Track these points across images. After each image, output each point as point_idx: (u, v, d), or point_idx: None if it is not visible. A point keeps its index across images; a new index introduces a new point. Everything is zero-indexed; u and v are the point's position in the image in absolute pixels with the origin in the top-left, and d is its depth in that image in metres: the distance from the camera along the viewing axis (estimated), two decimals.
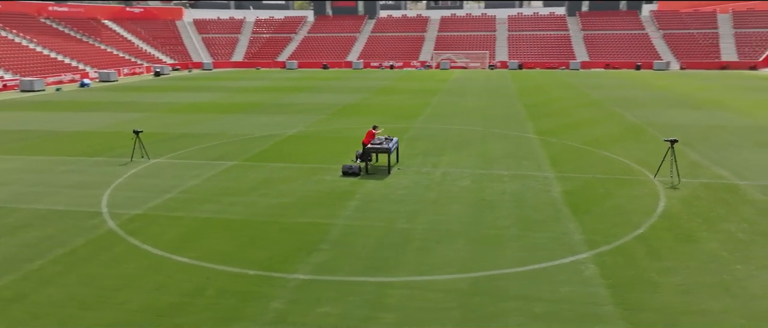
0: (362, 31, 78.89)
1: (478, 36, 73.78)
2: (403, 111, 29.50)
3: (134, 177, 16.23)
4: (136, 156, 18.75)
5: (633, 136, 21.62)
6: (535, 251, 10.44)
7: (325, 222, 12.15)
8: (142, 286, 9.17)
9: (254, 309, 8.34)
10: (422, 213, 12.68)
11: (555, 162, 17.45)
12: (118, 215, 12.78)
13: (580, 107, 30.33)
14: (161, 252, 10.58)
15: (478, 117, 27.07)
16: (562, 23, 74.77)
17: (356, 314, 8.15)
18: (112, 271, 9.77)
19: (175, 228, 11.89)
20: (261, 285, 9.16)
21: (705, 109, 29.07)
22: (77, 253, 10.59)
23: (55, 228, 11.98)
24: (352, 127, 24.38)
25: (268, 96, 37.47)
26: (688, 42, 66.92)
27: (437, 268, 9.72)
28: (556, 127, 23.78)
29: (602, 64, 63.30)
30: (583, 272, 9.52)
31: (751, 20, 68.80)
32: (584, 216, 12.34)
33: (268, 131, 23.56)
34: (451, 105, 31.73)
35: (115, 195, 14.40)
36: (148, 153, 19.05)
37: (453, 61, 66.56)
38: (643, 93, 37.32)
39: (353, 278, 9.35)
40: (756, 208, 12.87)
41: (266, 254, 10.46)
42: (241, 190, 14.76)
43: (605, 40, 69.49)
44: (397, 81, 49.23)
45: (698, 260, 9.98)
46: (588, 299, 8.55)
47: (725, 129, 23.20)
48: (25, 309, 8.46)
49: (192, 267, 9.90)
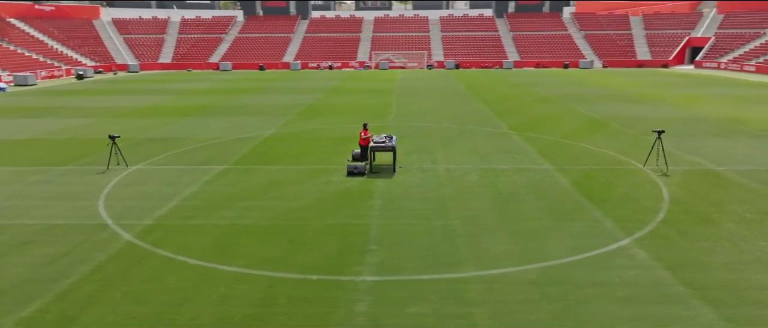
0: (296, 31, 77.66)
1: (412, 37, 74.90)
2: (369, 111, 29.38)
3: (122, 186, 15.02)
4: (112, 163, 17.36)
5: (600, 130, 22.88)
6: (579, 239, 10.80)
7: (359, 223, 11.88)
8: (203, 299, 8.53)
9: (341, 314, 8.01)
10: (450, 209, 12.72)
11: (545, 155, 18.11)
12: (130, 227, 11.78)
13: (535, 104, 31.65)
14: (202, 262, 9.89)
15: (447, 115, 27.51)
16: (492, 24, 77.63)
17: (448, 312, 8.06)
18: (159, 286, 9.00)
19: (202, 237, 11.15)
20: (331, 289, 8.81)
21: (647, 104, 31.31)
22: (106, 268, 9.66)
23: (64, 244, 10.85)
24: (327, 128, 23.96)
25: (218, 98, 35.96)
26: (607, 42, 71.74)
27: (498, 261, 9.80)
28: (526, 123, 24.68)
29: (533, 63, 66.41)
30: (635, 256, 9.98)
31: (659, 23, 74.91)
32: (603, 205, 12.91)
33: (239, 134, 22.63)
34: (413, 104, 32.01)
35: (112, 206, 13.25)
36: (125, 160, 17.69)
37: (392, 62, 67.13)
38: (584, 89, 39.57)
39: (422, 277, 9.23)
40: (745, 190, 14.07)
41: (316, 257, 10.07)
42: (249, 194, 14.09)
43: (532, 40, 72.94)
44: (343, 81, 48.92)
45: (727, 239, 10.76)
46: (654, 281, 8.98)
47: (675, 121, 25.12)
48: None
49: (246, 276, 9.34)
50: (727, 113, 27.40)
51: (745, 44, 63.35)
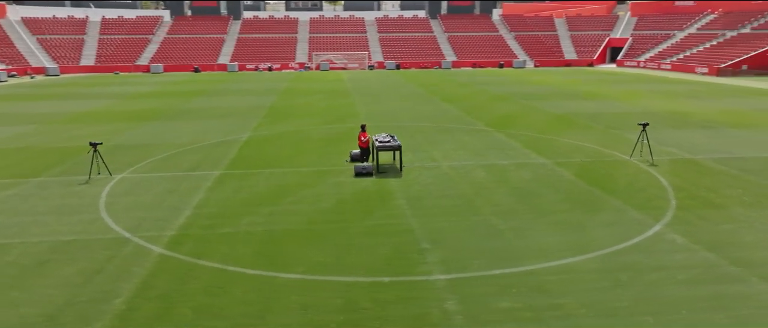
0: (229, 32, 75.15)
1: (349, 37, 74.77)
2: (337, 112, 29.03)
3: (118, 196, 13.89)
4: (92, 172, 16.01)
5: (569, 125, 24.00)
6: (614, 228, 11.29)
7: (397, 222, 11.74)
8: (283, 309, 8.10)
9: (436, 314, 7.90)
10: (477, 205, 12.86)
11: (536, 150, 18.74)
12: (154, 239, 10.94)
13: (495, 102, 32.65)
14: (260, 272, 9.38)
15: (418, 115, 27.74)
16: (427, 25, 79.09)
17: (539, 304, 8.16)
18: (227, 299, 8.43)
19: (242, 245, 10.56)
20: (410, 290, 8.66)
21: (596, 100, 33.20)
22: (155, 284, 8.92)
23: (89, 260, 9.89)
24: (303, 130, 23.41)
25: (169, 102, 34.10)
26: (535, 43, 75.25)
27: (554, 253, 10.05)
28: (497, 120, 25.40)
29: (470, 63, 68.40)
30: (674, 241, 10.59)
31: (581, 24, 79.60)
32: (617, 195, 13.58)
33: (215, 138, 21.61)
34: (377, 105, 31.98)
35: (119, 218, 12.23)
36: (109, 169, 16.36)
37: (333, 63, 66.66)
38: (529, 88, 41.28)
39: (493, 272, 9.28)
40: (729, 176, 15.31)
41: (373, 259, 9.85)
42: (264, 199, 13.50)
43: (467, 41, 75.07)
44: (292, 83, 47.93)
45: (742, 221, 11.66)
46: (705, 262, 9.58)
47: (629, 115, 26.84)
48: None
49: (314, 282, 8.97)
50: (669, 107, 29.64)
51: (658, 44, 68.75)
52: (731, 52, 55.98)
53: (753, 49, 54.09)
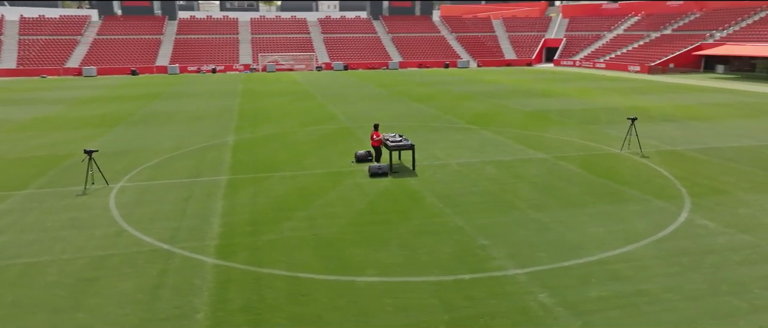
0: (166, 32, 71.84)
1: (293, 38, 73.63)
2: (310, 114, 28.54)
3: (130, 207, 12.97)
4: (86, 181, 14.85)
5: (546, 122, 24.94)
6: (650, 216, 11.88)
7: (442, 220, 11.75)
8: (381, 312, 7.91)
9: (535, 306, 8.00)
10: (509, 200, 13.11)
11: (530, 146, 19.33)
12: (198, 249, 10.32)
13: (463, 100, 33.31)
14: (333, 277, 9.09)
15: (397, 115, 27.80)
16: (370, 26, 79.33)
17: (625, 290, 8.47)
18: (318, 307, 8.12)
19: (296, 251, 10.19)
20: (497, 285, 8.71)
21: (556, 97, 34.69)
22: (231, 297, 8.43)
23: (142, 275, 9.19)
24: (288, 132, 22.83)
25: (126, 106, 32.11)
26: (476, 43, 77.44)
27: (610, 242, 10.44)
28: (476, 118, 25.96)
29: (416, 64, 69.31)
30: (707, 226, 11.30)
31: (517, 25, 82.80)
32: (631, 186, 14.29)
33: (199, 142, 20.64)
34: (349, 106, 31.73)
35: (147, 228, 11.43)
36: (106, 178, 15.21)
37: (279, 64, 65.35)
38: (488, 87, 42.46)
39: (564, 264, 9.52)
40: (716, 165, 16.51)
41: (442, 257, 9.81)
42: (292, 203, 13.07)
43: (410, 41, 76.01)
44: (246, 84, 46.47)
45: (754, 205, 12.62)
46: (748, 244, 10.30)
47: (595, 111, 28.27)
48: None
49: (397, 284, 8.82)
50: (626, 103, 31.50)
51: (590, 44, 72.79)
52: (658, 51, 60.22)
53: (677, 49, 58.47)
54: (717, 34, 58.35)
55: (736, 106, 30.11)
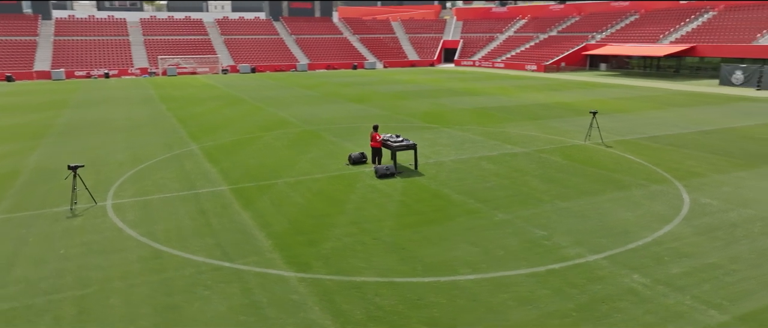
0: (41, 34, 64.31)
1: (191, 40, 69.59)
2: (258, 119, 27.34)
3: (143, 225, 11.66)
4: (73, 201, 13.06)
5: (493, 118, 26.22)
6: (661, 199, 13.10)
7: (483, 216, 12.01)
8: (511, 308, 7.99)
9: (639, 287, 8.56)
10: (529, 194, 13.71)
11: (501, 141, 20.23)
12: (265, 263, 9.61)
13: (404, 100, 33.82)
14: (430, 278, 8.98)
15: (354, 116, 27.53)
16: (271, 27, 77.34)
17: (700, 265, 9.34)
18: (449, 309, 7.99)
19: (372, 257, 9.88)
20: (589, 271, 9.16)
21: (485, 96, 36.50)
22: (347, 310, 8.01)
23: (226, 295, 8.39)
24: (253, 137, 21.73)
25: (33, 117, 28.35)
26: (379, 44, 78.72)
27: (649, 225, 11.38)
28: (429, 117, 26.56)
29: (324, 66, 68.86)
30: (711, 204, 12.73)
31: (416, 27, 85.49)
32: (622, 173, 15.60)
33: (158, 154, 18.96)
34: (290, 108, 30.80)
35: (187, 247, 10.38)
36: (93, 196, 13.42)
37: (181, 67, 61.37)
38: (411, 87, 43.46)
39: (631, 246, 10.22)
40: (671, 151, 18.54)
41: (515, 250, 10.08)
42: (321, 209, 12.57)
43: (314, 43, 75.33)
44: (157, 89, 43.02)
45: (731, 183, 14.42)
46: (756, 216, 11.79)
47: (531, 107, 30.23)
48: None
49: (502, 279, 8.93)
50: (548, 99, 34.03)
51: (486, 46, 77.27)
52: (550, 51, 65.56)
53: (566, 49, 64.10)
54: (598, 35, 64.88)
55: (644, 99, 33.84)
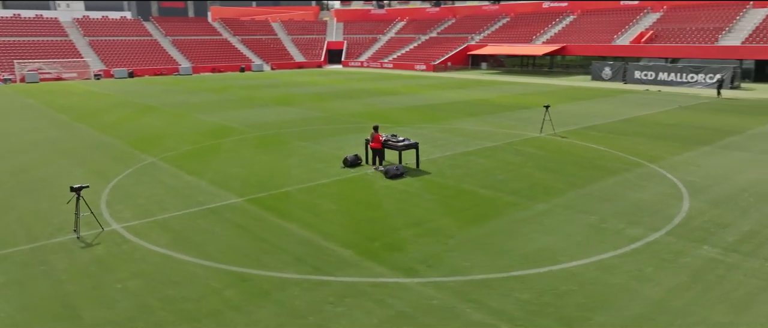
0: None
1: (48, 42, 61.42)
2: (199, 127, 25.18)
3: (193, 248, 10.36)
4: (79, 227, 11.08)
5: (435, 117, 27.09)
6: (655, 180, 14.70)
7: (527, 208, 12.55)
8: (637, 287, 8.56)
9: (719, 257, 9.66)
10: (543, 184, 14.55)
11: (471, 138, 21.05)
12: (367, 272, 9.13)
13: (325, 102, 33.31)
14: (535, 270, 9.27)
15: (303, 119, 26.50)
16: (141, 28, 71.07)
17: (744, 231, 10.75)
18: (579, 298, 8.32)
19: (468, 255, 9.89)
20: (667, 247, 10.10)
21: (397, 95, 37.35)
22: (502, 309, 7.98)
23: (384, 306, 7.88)
24: (213, 146, 20.04)
25: None
26: (262, 46, 76.32)
27: (676, 204, 12.76)
28: (370, 116, 26.59)
29: (209, 69, 64.99)
30: (695, 182, 14.60)
31: (297, 28, 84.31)
32: (599, 160, 17.16)
33: (118, 171, 16.78)
34: (218, 114, 28.77)
35: (268, 266, 9.46)
36: (99, 221, 11.45)
37: (44, 72, 53.74)
38: (318, 88, 42.94)
39: (672, 224, 11.41)
40: (618, 138, 20.75)
41: (590, 236, 10.73)
42: (366, 214, 12.20)
43: (194, 45, 70.77)
44: (38, 97, 37.27)
45: (689, 162, 16.62)
46: (743, 187, 13.78)
47: (452, 105, 31.66)
48: None
49: (599, 264, 9.50)
50: (464, 97, 35.90)
51: (370, 47, 78.75)
52: (434, 52, 68.77)
53: (450, 50, 67.73)
54: (476, 37, 69.52)
55: (548, 94, 37.15)
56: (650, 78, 44.73)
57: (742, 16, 51.22)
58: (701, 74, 41.52)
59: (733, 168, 15.98)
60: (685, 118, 25.80)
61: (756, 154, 17.74)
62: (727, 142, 19.91)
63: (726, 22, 50.78)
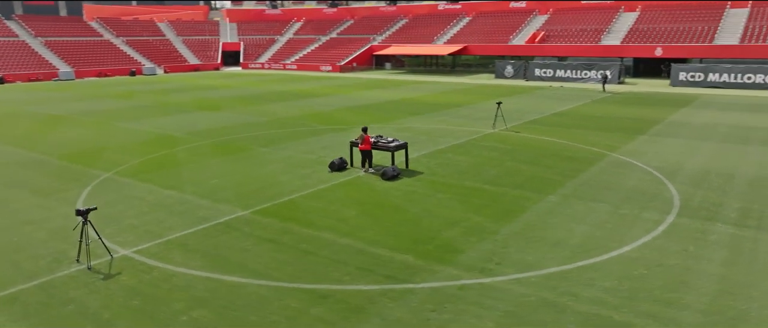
0: None
1: None
2: (137, 136, 22.70)
3: (232, 267, 9.34)
4: (89, 257, 9.48)
5: (383, 116, 27.06)
6: (628, 168, 15.95)
7: (538, 199, 13.00)
8: (711, 277, 9.28)
9: (750, 236, 10.77)
10: (536, 177, 15.18)
11: (435, 136, 21.31)
12: (428, 276, 8.90)
13: (254, 105, 31.80)
14: (597, 258, 9.66)
15: (244, 126, 24.90)
16: (5, 28, 62.53)
17: (748, 202, 12.06)
18: (644, 283, 8.81)
19: (529, 250, 10.00)
20: (701, 226, 11.01)
21: (330, 96, 36.76)
22: (602, 299, 8.20)
23: (466, 313, 7.67)
24: (167, 158, 18.21)
25: None
26: (151, 48, 70.86)
27: (665, 191, 13.93)
28: (314, 118, 25.90)
29: (94, 73, 58.88)
30: (665, 167, 16.10)
31: (188, 29, 79.45)
32: (565, 151, 18.25)
33: (78, 184, 14.69)
34: (145, 121, 26.18)
35: (323, 278, 8.82)
36: (109, 249, 9.83)
37: None
38: (231, 92, 40.91)
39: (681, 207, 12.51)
40: (572, 130, 22.23)
41: (618, 224, 11.39)
42: (395, 218, 11.89)
43: (72, 47, 63.74)
44: None
45: (645, 148, 18.28)
46: (701, 167, 15.43)
47: (388, 104, 31.87)
48: None
49: (658, 245, 10.10)
50: (398, 96, 36.26)
51: (269, 48, 76.48)
52: (338, 53, 68.47)
53: (353, 51, 67.82)
54: (378, 37, 70.39)
55: (465, 91, 38.68)
56: (549, 75, 48.45)
57: (617, 19, 57.30)
58: (593, 71, 45.81)
59: (680, 154, 17.85)
60: (605, 110, 28.32)
61: (687, 141, 19.98)
62: (656, 130, 22.21)
63: (605, 24, 56.48)
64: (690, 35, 49.41)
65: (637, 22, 54.67)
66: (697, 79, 41.69)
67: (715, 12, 52.48)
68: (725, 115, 26.33)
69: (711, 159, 16.94)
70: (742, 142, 19.51)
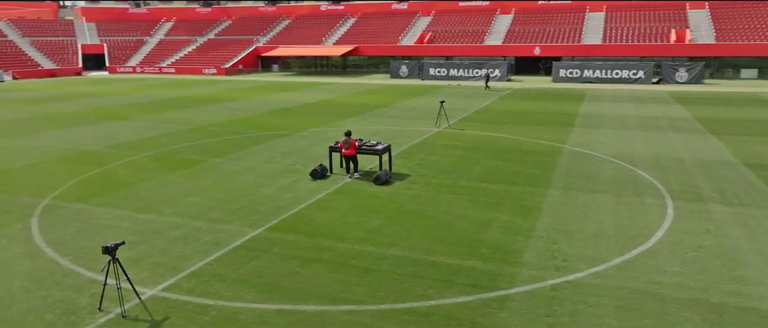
0: None
1: None
2: (53, 156, 19.07)
3: (290, 293, 8.22)
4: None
5: (314, 119, 26.01)
6: (591, 160, 17.00)
7: (543, 194, 13.33)
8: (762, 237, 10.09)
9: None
10: (521, 173, 15.57)
11: (391, 138, 20.86)
12: (529, 277, 8.72)
13: (167, 112, 28.79)
14: (640, 249, 10.11)
15: (166, 134, 22.13)
16: None
17: (732, 182, 13.40)
18: (706, 271, 9.43)
19: (569, 247, 10.15)
20: (711, 210, 11.98)
21: (240, 100, 34.51)
22: (674, 297, 8.53)
23: (567, 308, 7.59)
24: (109, 173, 15.61)
25: None
26: None
27: (647, 185, 14.99)
28: (247, 124, 24.17)
29: None
30: (634, 154, 17.42)
31: (36, 29, 69.74)
32: (522, 145, 18.97)
33: (18, 213, 11.96)
34: (66, 134, 22.25)
35: (426, 293, 8.15)
36: (136, 290, 7.92)
37: None
38: (138, 98, 36.82)
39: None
40: (495, 125, 23.15)
41: (639, 213, 12.03)
42: (423, 223, 11.39)
43: None
44: None
45: (596, 137, 19.65)
46: (671, 158, 16.96)
47: (313, 106, 30.79)
48: None
49: (690, 232, 10.78)
50: (314, 99, 35.13)
51: (138, 50, 69.92)
52: (220, 55, 64.63)
53: (237, 52, 64.47)
54: (262, 38, 67.73)
55: (370, 92, 38.70)
56: (443, 74, 50.40)
57: (495, 21, 61.36)
58: (483, 69, 48.54)
59: (620, 143, 19.49)
60: (519, 106, 30.09)
61: (618, 131, 21.87)
62: (581, 123, 24.08)
63: (485, 25, 60.15)
64: (560, 36, 54.54)
65: (513, 24, 59.03)
66: (574, 75, 46.19)
67: (578, 14, 58.55)
68: (623, 106, 29.41)
69: (650, 147, 18.74)
70: (658, 130, 21.89)
